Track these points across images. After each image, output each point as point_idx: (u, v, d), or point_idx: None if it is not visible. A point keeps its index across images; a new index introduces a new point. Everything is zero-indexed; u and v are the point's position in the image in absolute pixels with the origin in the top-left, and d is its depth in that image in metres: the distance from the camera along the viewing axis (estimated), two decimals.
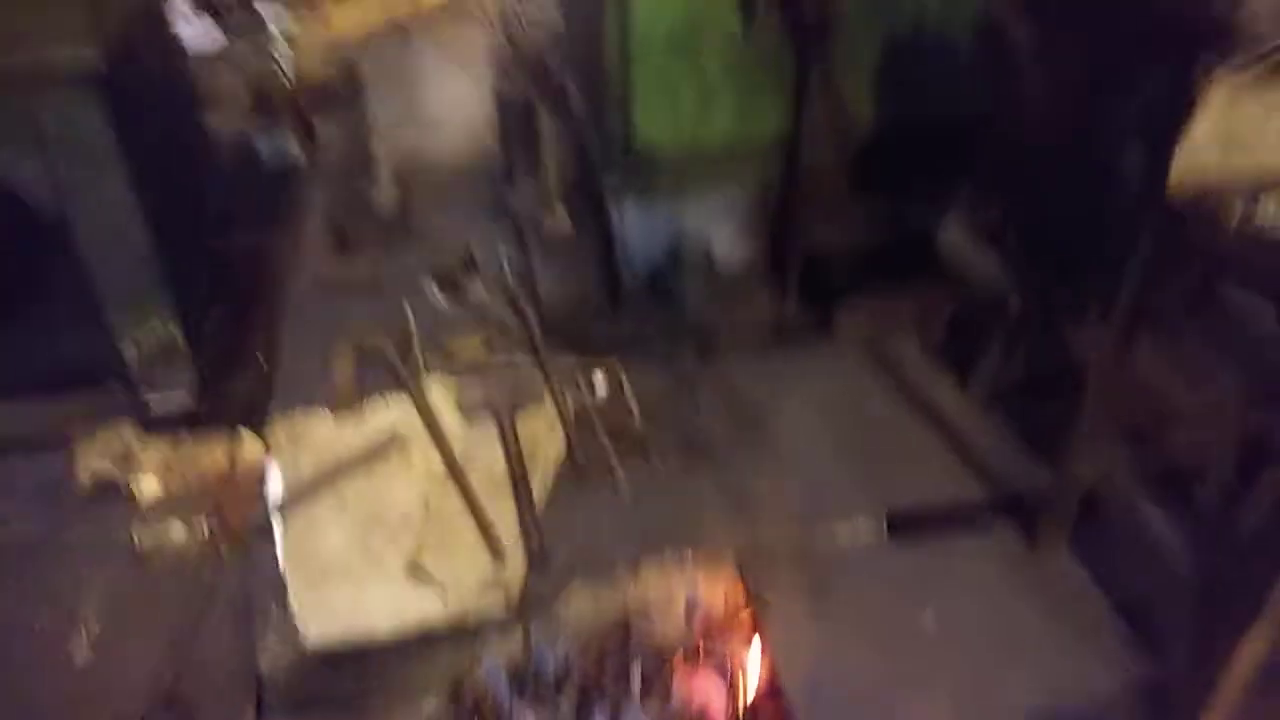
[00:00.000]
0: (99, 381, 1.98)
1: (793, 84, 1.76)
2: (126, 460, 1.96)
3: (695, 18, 1.70)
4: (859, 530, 1.60)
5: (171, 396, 1.98)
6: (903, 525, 1.61)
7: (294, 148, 2.60)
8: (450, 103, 2.43)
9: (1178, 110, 1.09)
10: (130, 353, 1.93)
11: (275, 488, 1.77)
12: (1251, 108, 1.05)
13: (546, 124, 2.10)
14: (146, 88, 1.86)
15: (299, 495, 1.74)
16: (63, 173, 1.68)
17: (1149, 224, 1.24)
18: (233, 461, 1.91)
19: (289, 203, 2.46)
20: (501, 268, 2.17)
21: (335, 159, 2.53)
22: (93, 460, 1.94)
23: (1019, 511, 1.61)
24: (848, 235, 1.94)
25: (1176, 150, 1.09)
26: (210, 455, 1.92)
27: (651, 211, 1.91)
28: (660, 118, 1.80)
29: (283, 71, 2.84)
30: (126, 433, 1.98)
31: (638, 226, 1.93)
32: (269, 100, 2.73)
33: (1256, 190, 1.01)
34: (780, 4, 1.67)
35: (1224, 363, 1.47)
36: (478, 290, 2.14)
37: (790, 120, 1.80)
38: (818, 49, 1.69)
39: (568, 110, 2.11)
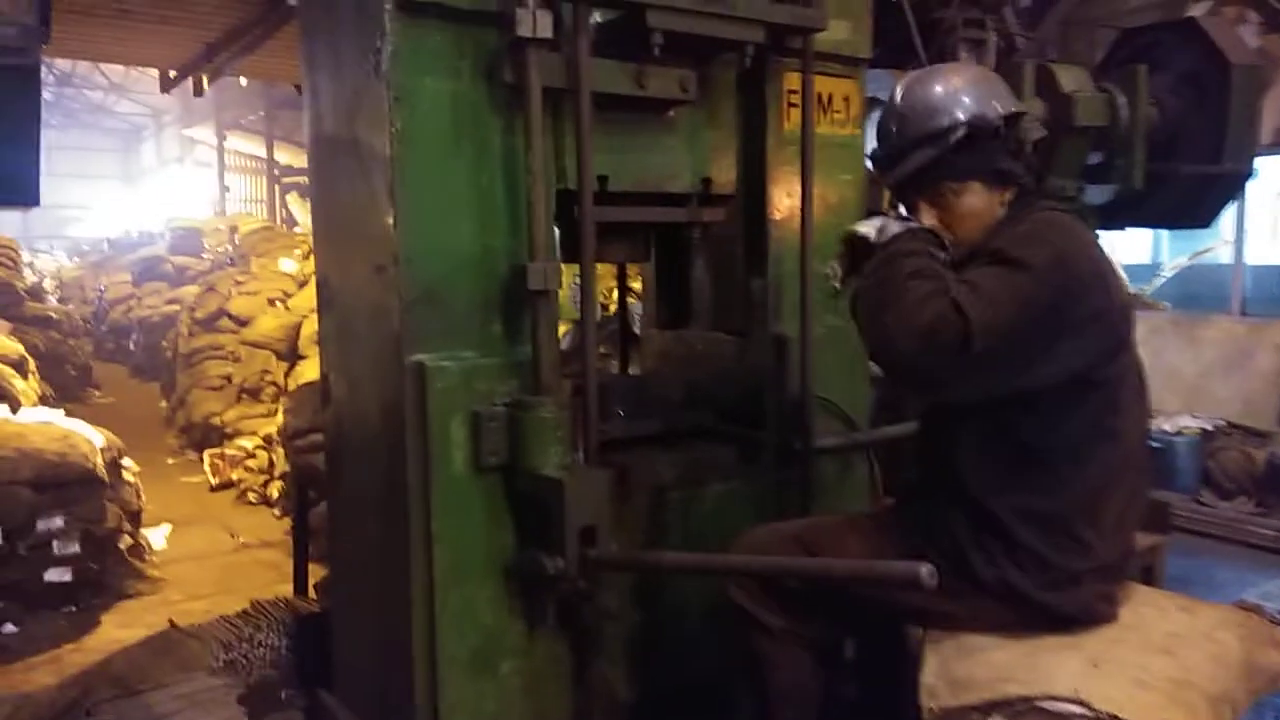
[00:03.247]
0: None
1: (573, 678, 2.08)
2: None
3: (492, 635, 2.00)
4: None
5: None
6: None
7: None
8: None
9: (906, 664, 1.60)
10: None
11: None
12: (962, 657, 1.58)
13: None
14: None
15: None
16: None
17: None
18: None
19: None
20: None
21: None
22: None
23: None
24: None
25: (919, 691, 1.57)
26: None
27: None
28: None
29: None
30: None
31: None
32: None
33: (989, 711, 1.48)
34: (559, 616, 2.04)
35: None
36: None
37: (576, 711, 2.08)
38: (593, 647, 2.06)
39: None
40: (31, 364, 6.33)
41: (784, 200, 2.46)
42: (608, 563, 1.94)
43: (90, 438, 4.53)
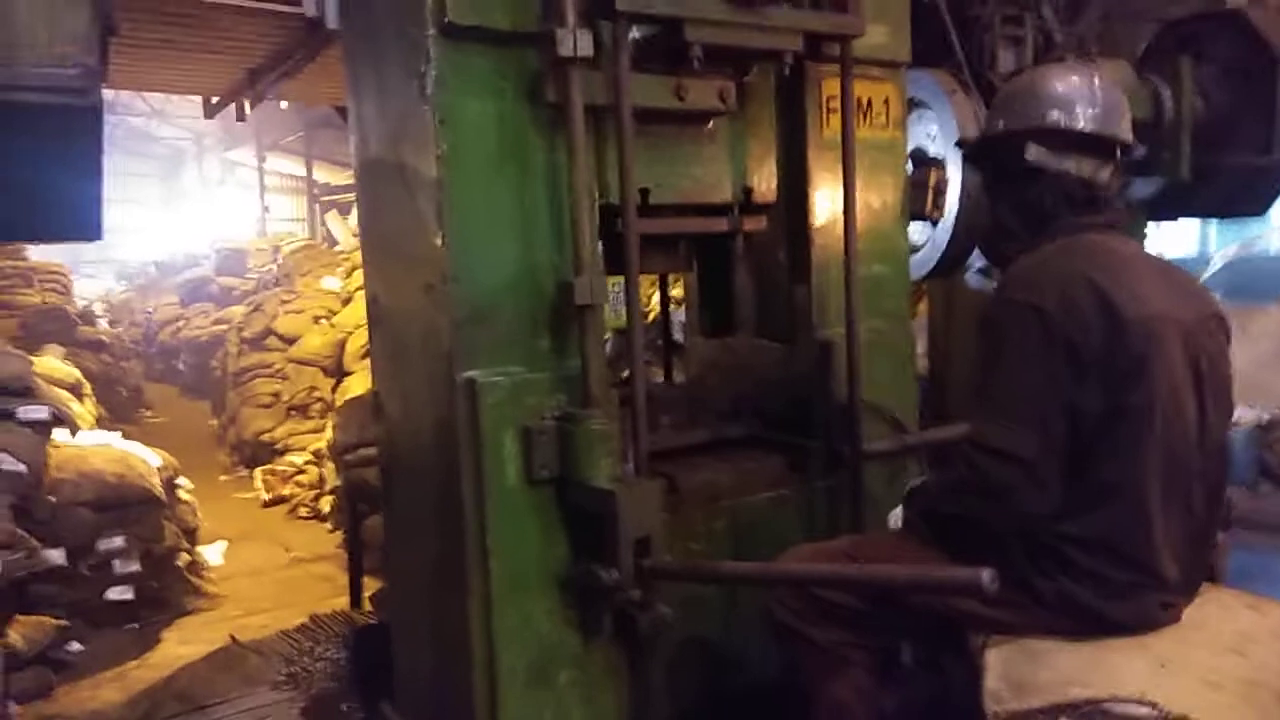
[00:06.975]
0: None
1: (629, 688, 2.10)
2: None
3: (549, 646, 2.03)
4: None
5: None
6: None
7: None
8: None
9: (967, 669, 1.60)
10: None
11: None
12: (1025, 660, 1.57)
13: None
14: None
15: None
16: None
17: None
18: None
19: None
20: None
21: None
22: None
23: None
24: None
25: (983, 696, 1.56)
26: None
27: None
28: None
29: None
30: None
31: None
32: None
33: (1055, 714, 1.48)
34: (615, 627, 2.05)
35: None
36: None
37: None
38: (649, 657, 2.07)
39: None
40: (87, 387, 6.48)
41: (826, 206, 2.46)
42: (663, 572, 1.95)
43: (147, 458, 4.65)
